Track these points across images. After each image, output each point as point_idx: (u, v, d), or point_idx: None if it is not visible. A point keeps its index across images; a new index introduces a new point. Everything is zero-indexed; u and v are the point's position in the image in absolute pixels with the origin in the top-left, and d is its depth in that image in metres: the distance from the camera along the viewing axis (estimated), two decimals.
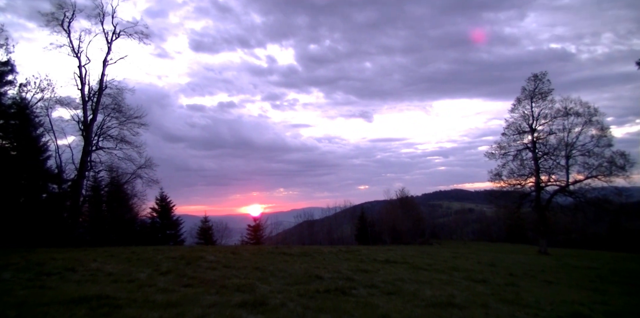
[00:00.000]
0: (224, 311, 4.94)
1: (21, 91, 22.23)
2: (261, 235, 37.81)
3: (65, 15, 23.70)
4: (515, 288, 8.79)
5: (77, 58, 24.14)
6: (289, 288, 6.84)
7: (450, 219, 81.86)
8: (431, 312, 5.63)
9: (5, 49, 20.61)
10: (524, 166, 30.11)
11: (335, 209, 56.34)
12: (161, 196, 31.13)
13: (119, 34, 24.88)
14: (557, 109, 28.84)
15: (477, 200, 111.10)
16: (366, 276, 8.91)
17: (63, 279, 7.27)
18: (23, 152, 20.56)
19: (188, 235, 34.37)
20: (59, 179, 23.50)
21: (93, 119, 24.12)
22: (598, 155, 27.22)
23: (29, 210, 19.73)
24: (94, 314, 4.60)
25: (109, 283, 6.84)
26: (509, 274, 11.72)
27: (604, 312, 6.80)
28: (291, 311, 5.14)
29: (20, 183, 20.43)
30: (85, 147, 23.67)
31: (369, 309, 5.52)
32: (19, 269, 8.08)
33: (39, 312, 4.60)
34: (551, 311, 6.36)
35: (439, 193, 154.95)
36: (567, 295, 8.38)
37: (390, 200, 58.21)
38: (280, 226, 50.77)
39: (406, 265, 12.50)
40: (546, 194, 29.71)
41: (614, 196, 27.93)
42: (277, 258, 12.53)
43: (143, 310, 4.84)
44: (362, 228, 47.63)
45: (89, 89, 24.39)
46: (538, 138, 29.48)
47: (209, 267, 9.42)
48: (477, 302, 6.48)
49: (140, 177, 26.71)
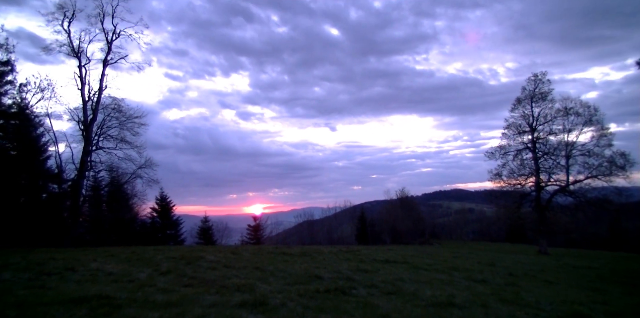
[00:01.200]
0: (224, 311, 4.94)
1: (21, 90, 22.23)
2: (261, 234, 37.80)
3: (65, 15, 23.71)
4: (515, 288, 8.79)
5: (77, 58, 24.15)
6: (289, 288, 6.84)
7: (450, 219, 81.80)
8: (431, 311, 5.63)
9: (5, 49, 20.63)
10: (524, 166, 30.13)
11: (335, 209, 56.38)
12: (161, 196, 31.14)
13: (119, 33, 24.91)
14: (557, 109, 28.86)
15: (477, 199, 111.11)
16: (366, 276, 8.91)
17: (63, 279, 7.27)
18: (23, 152, 20.56)
19: (188, 235, 34.36)
20: (59, 179, 23.50)
21: (93, 119, 24.11)
22: (598, 155, 27.22)
23: (29, 210, 19.73)
24: (94, 314, 4.60)
25: (109, 283, 6.83)
26: (509, 274, 11.71)
27: (604, 311, 6.80)
28: (291, 311, 5.14)
29: (20, 183, 20.44)
30: (85, 147, 23.67)
31: (369, 309, 5.52)
32: (19, 269, 8.08)
33: (39, 312, 4.60)
34: (551, 311, 6.36)
35: (439, 193, 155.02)
36: (567, 295, 8.38)
37: (390, 200, 58.21)
38: (280, 226, 50.76)
39: (406, 265, 12.49)
40: (546, 194, 29.71)
41: (614, 196, 27.90)
42: (277, 258, 12.53)
43: (143, 310, 4.84)
44: (362, 228, 47.65)
45: (88, 89, 24.42)
46: (538, 138, 29.47)
47: (209, 267, 9.42)
48: (477, 302, 6.48)
49: (140, 177, 26.77)
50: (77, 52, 24.08)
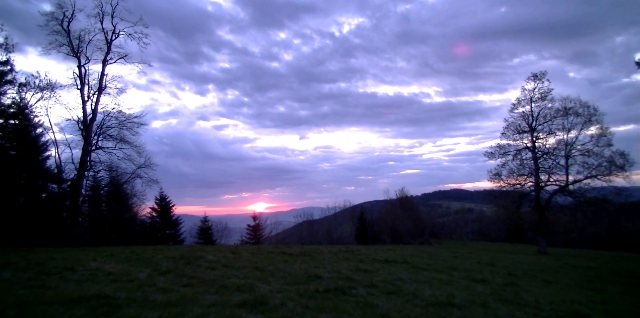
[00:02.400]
0: (224, 311, 4.94)
1: (21, 90, 22.21)
2: (261, 234, 37.83)
3: (64, 15, 23.66)
4: (515, 287, 8.79)
5: (76, 58, 24.11)
6: (288, 288, 6.83)
7: (450, 219, 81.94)
8: (431, 311, 5.63)
9: (4, 48, 20.59)
10: (523, 165, 30.09)
11: (334, 209, 56.47)
12: (161, 195, 31.15)
13: (119, 33, 24.87)
14: (557, 109, 28.84)
15: (476, 199, 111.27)
16: (366, 276, 8.91)
17: (62, 279, 7.26)
18: (23, 152, 20.56)
19: (188, 235, 34.40)
20: (59, 179, 23.49)
21: (93, 118, 24.09)
22: (597, 155, 27.20)
23: (29, 210, 19.73)
24: (93, 314, 4.60)
25: (109, 283, 6.83)
26: (509, 274, 11.72)
27: (604, 311, 6.81)
28: (291, 311, 5.14)
29: (19, 183, 20.44)
30: (85, 147, 23.65)
31: (369, 309, 5.52)
32: (18, 269, 8.08)
33: (38, 312, 4.59)
34: (551, 310, 6.37)
35: (438, 193, 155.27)
36: (567, 295, 8.38)
37: (389, 200, 58.29)
38: (280, 226, 50.85)
39: (406, 264, 12.50)
40: (546, 194, 29.70)
41: (614, 195, 27.88)
42: (276, 257, 12.53)
43: (142, 310, 4.84)
44: (362, 228, 47.71)
45: (88, 88, 24.39)
46: (537, 138, 29.47)
47: (209, 267, 9.42)
48: (477, 302, 6.48)
49: (140, 177, 26.74)
50: (76, 51, 24.06)
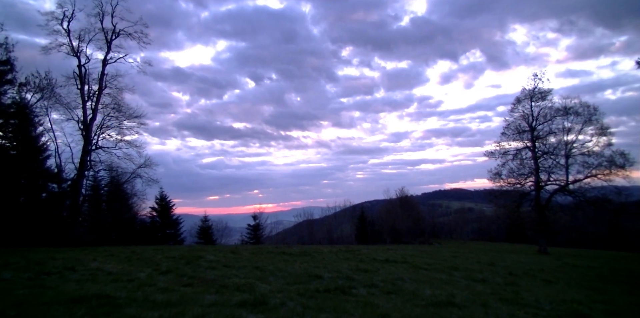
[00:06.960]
0: (224, 310, 4.93)
1: (21, 90, 22.17)
2: (261, 234, 37.84)
3: (64, 15, 23.67)
4: (515, 287, 8.79)
5: (76, 57, 24.12)
6: (288, 288, 6.83)
7: (450, 218, 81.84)
8: (431, 311, 5.63)
9: (4, 48, 20.55)
10: (523, 165, 30.05)
11: (335, 208, 56.55)
12: (161, 195, 31.16)
13: (119, 33, 24.86)
14: (557, 109, 28.82)
15: (476, 199, 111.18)
16: (366, 276, 8.92)
17: (63, 278, 7.27)
18: (23, 151, 20.52)
19: (188, 235, 34.43)
20: (59, 178, 23.47)
21: (93, 118, 24.10)
22: (598, 154, 27.18)
23: (29, 210, 19.70)
24: (93, 313, 4.59)
25: (109, 283, 6.83)
26: (509, 273, 11.72)
27: (604, 311, 6.81)
28: (291, 310, 5.14)
29: (20, 183, 20.40)
30: (85, 146, 23.66)
31: (369, 308, 5.52)
32: (18, 268, 8.08)
33: (38, 311, 4.59)
34: (551, 310, 6.37)
35: (439, 193, 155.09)
36: (567, 294, 8.38)
37: (390, 200, 58.35)
38: (280, 225, 50.95)
39: (406, 264, 12.51)
40: (546, 193, 29.66)
41: (614, 195, 27.87)
42: (276, 257, 12.54)
43: (143, 310, 4.83)
44: (362, 227, 47.73)
45: (88, 88, 24.39)
46: (538, 137, 29.45)
47: (209, 267, 9.42)
48: (477, 301, 6.48)
49: (140, 176, 26.77)
50: (76, 51, 24.07)
